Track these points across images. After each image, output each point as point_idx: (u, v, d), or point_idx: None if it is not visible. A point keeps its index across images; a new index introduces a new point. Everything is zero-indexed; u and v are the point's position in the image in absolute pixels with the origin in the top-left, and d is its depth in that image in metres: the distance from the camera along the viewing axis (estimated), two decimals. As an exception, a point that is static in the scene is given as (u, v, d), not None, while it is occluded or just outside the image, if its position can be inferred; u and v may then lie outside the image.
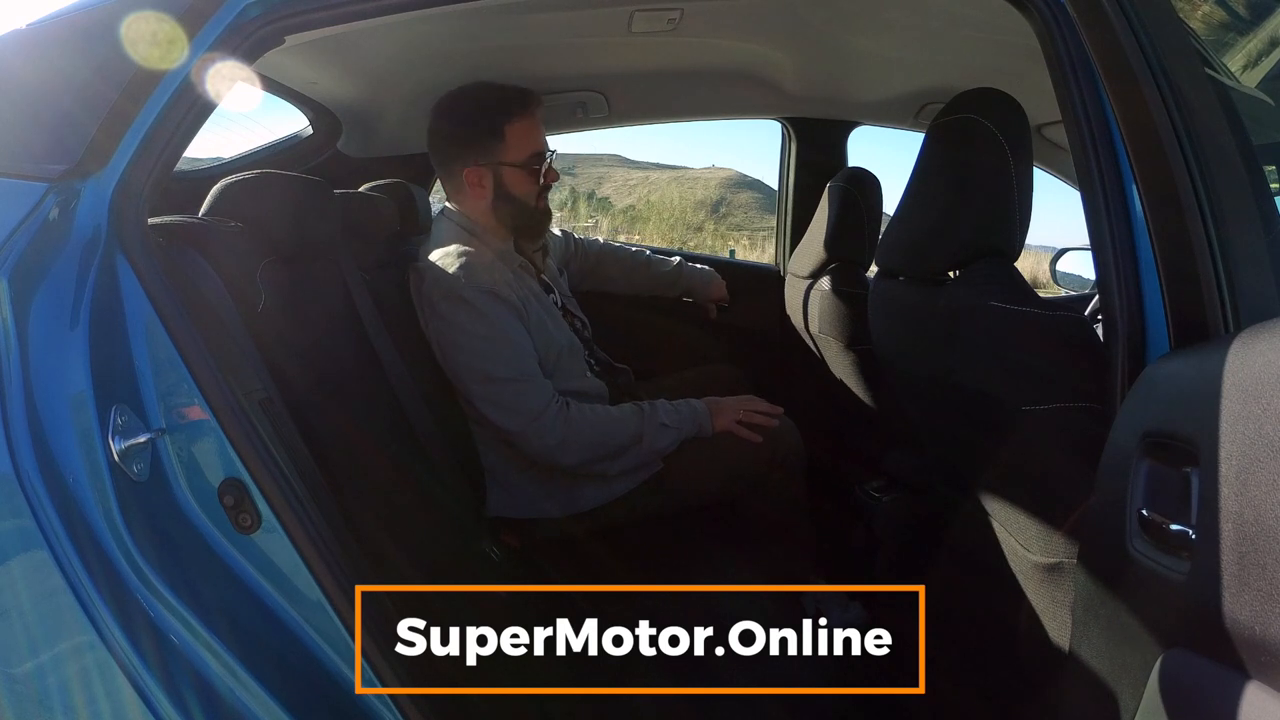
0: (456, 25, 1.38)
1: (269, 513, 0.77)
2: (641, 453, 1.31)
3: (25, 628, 0.75)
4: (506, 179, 1.35)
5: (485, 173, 1.35)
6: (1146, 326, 0.72)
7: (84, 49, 0.89)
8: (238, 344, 0.88)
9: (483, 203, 1.36)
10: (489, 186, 1.35)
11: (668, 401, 1.36)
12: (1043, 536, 0.85)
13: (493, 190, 1.35)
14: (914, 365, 1.14)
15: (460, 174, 1.36)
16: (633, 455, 1.31)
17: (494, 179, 1.35)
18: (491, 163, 1.34)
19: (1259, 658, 0.48)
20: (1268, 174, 0.86)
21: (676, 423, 1.32)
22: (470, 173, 1.35)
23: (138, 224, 0.81)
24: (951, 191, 0.99)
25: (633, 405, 1.33)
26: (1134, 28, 0.71)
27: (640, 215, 27.93)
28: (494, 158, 1.34)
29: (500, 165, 1.34)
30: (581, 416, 1.28)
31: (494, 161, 1.34)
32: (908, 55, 1.61)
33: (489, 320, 1.26)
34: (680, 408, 1.35)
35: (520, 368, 1.26)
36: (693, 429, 1.34)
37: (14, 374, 0.76)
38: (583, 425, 1.27)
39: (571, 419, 1.27)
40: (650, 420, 1.31)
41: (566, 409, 1.27)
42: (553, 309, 1.41)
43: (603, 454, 1.29)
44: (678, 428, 1.32)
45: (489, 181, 1.35)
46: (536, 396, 1.26)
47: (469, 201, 1.37)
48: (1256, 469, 0.48)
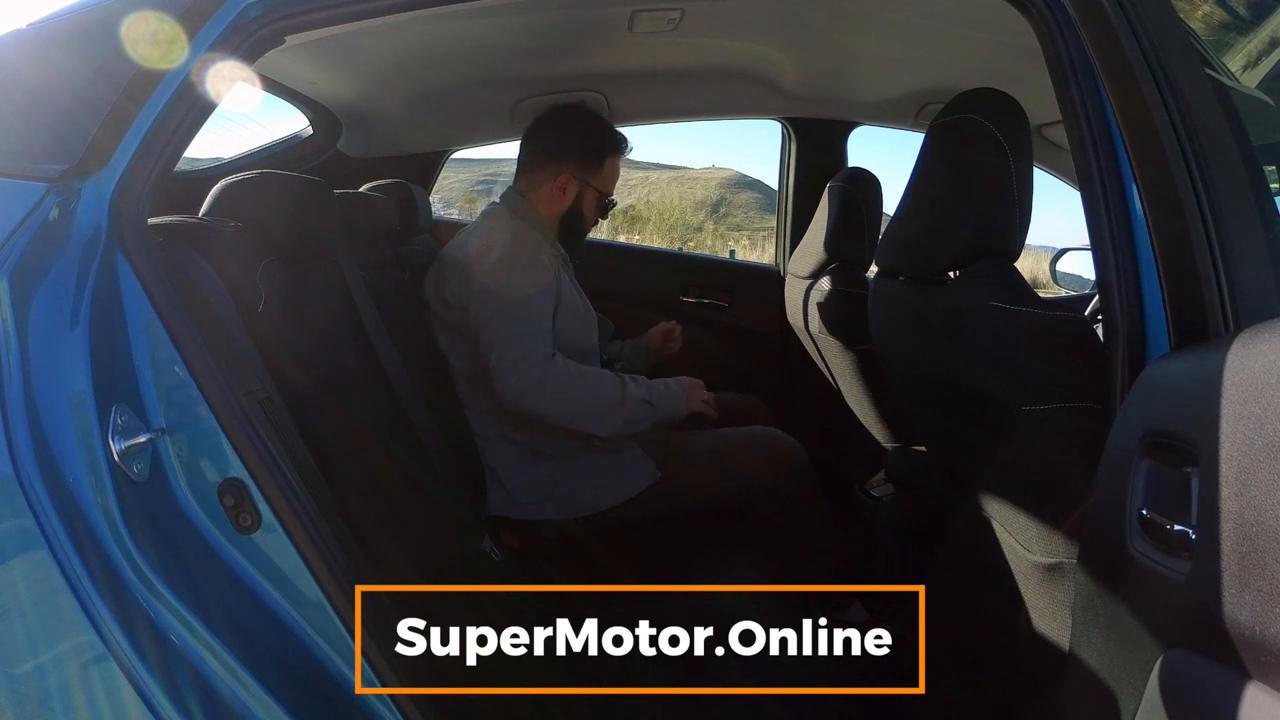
0: (456, 25, 1.38)
1: (269, 513, 0.77)
2: (619, 421, 1.33)
3: (25, 628, 0.74)
4: (586, 199, 1.46)
5: (574, 185, 1.43)
6: (1146, 326, 0.72)
7: (84, 49, 0.89)
8: (238, 344, 0.88)
9: (556, 207, 1.44)
10: (570, 197, 1.44)
11: (648, 379, 1.40)
12: (1043, 536, 0.85)
13: (571, 202, 1.44)
14: (914, 365, 1.14)
15: (554, 175, 1.43)
16: (611, 422, 1.32)
17: (577, 193, 1.44)
18: (583, 180, 1.43)
19: (1259, 658, 0.48)
20: (1268, 174, 0.86)
21: (655, 399, 1.36)
22: (564, 178, 1.43)
23: (138, 224, 0.81)
24: (951, 191, 0.99)
25: (615, 375, 1.36)
26: (1134, 28, 0.71)
27: (640, 215, 27.93)
28: (587, 177, 1.44)
29: (588, 186, 1.45)
30: (564, 368, 1.31)
31: (585, 180, 1.44)
32: (908, 55, 1.61)
33: (519, 264, 1.32)
34: (657, 387, 1.38)
35: (529, 307, 1.31)
36: (669, 410, 1.37)
37: (14, 374, 0.76)
38: (563, 376, 1.30)
39: (554, 366, 1.30)
40: (630, 391, 1.34)
41: (552, 360, 1.31)
42: (583, 294, 1.47)
43: (579, 409, 1.31)
44: (656, 404, 1.36)
45: (572, 193, 1.44)
46: (529, 343, 1.29)
47: (545, 200, 1.44)
48: (1257, 469, 0.48)
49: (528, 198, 1.44)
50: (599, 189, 1.46)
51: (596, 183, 1.45)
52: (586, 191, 1.45)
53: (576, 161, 1.43)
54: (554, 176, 1.43)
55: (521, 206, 1.44)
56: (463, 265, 1.35)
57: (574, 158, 1.43)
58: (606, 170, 1.46)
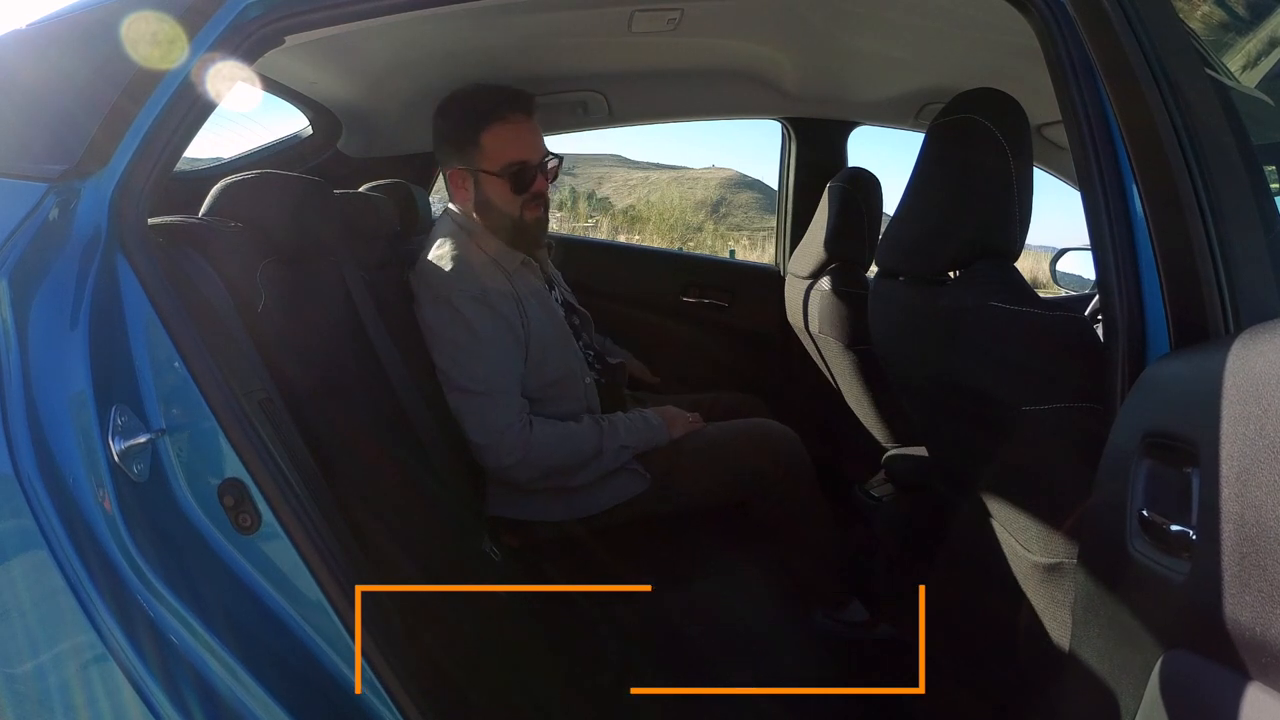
0: (456, 25, 1.38)
1: (269, 513, 0.77)
2: (597, 470, 1.33)
3: (25, 628, 0.74)
4: (484, 186, 1.34)
5: (466, 176, 1.35)
6: (1146, 326, 0.72)
7: (84, 49, 0.89)
8: (238, 344, 0.87)
9: (469, 205, 1.37)
10: (470, 190, 1.36)
11: (626, 417, 1.38)
12: (1043, 536, 0.85)
13: (473, 195, 1.36)
14: (914, 365, 1.14)
15: (452, 178, 1.38)
16: (589, 473, 1.32)
17: (474, 183, 1.35)
18: (470, 168, 1.34)
19: (1259, 658, 0.48)
20: (1268, 174, 0.86)
21: (633, 441, 1.35)
22: (454, 174, 1.36)
23: (138, 224, 0.81)
24: (951, 191, 0.99)
25: (593, 422, 1.34)
26: (1134, 28, 0.71)
27: (640, 215, 27.93)
28: (472, 164, 1.33)
29: (478, 172, 1.33)
30: (542, 437, 1.28)
31: (475, 167, 1.34)
32: (908, 55, 1.61)
33: (470, 327, 1.26)
34: (636, 423, 1.37)
35: (491, 382, 1.26)
36: (649, 447, 1.36)
37: (14, 374, 0.76)
38: (542, 446, 1.28)
39: (532, 441, 1.27)
40: (607, 442, 1.32)
41: (529, 429, 1.27)
42: (553, 306, 1.42)
43: (557, 472, 1.31)
44: (635, 446, 1.35)
45: (470, 185, 1.35)
46: (503, 413, 1.26)
47: (460, 202, 1.39)
48: (1257, 470, 0.48)
49: (461, 209, 1.38)
50: (489, 169, 1.31)
51: (485, 164, 1.31)
52: (482, 178, 1.32)
53: (453, 153, 1.34)
54: (452, 179, 1.36)
55: (458, 216, 1.38)
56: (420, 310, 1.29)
57: (449, 151, 1.35)
58: (488, 145, 1.31)
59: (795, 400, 2.02)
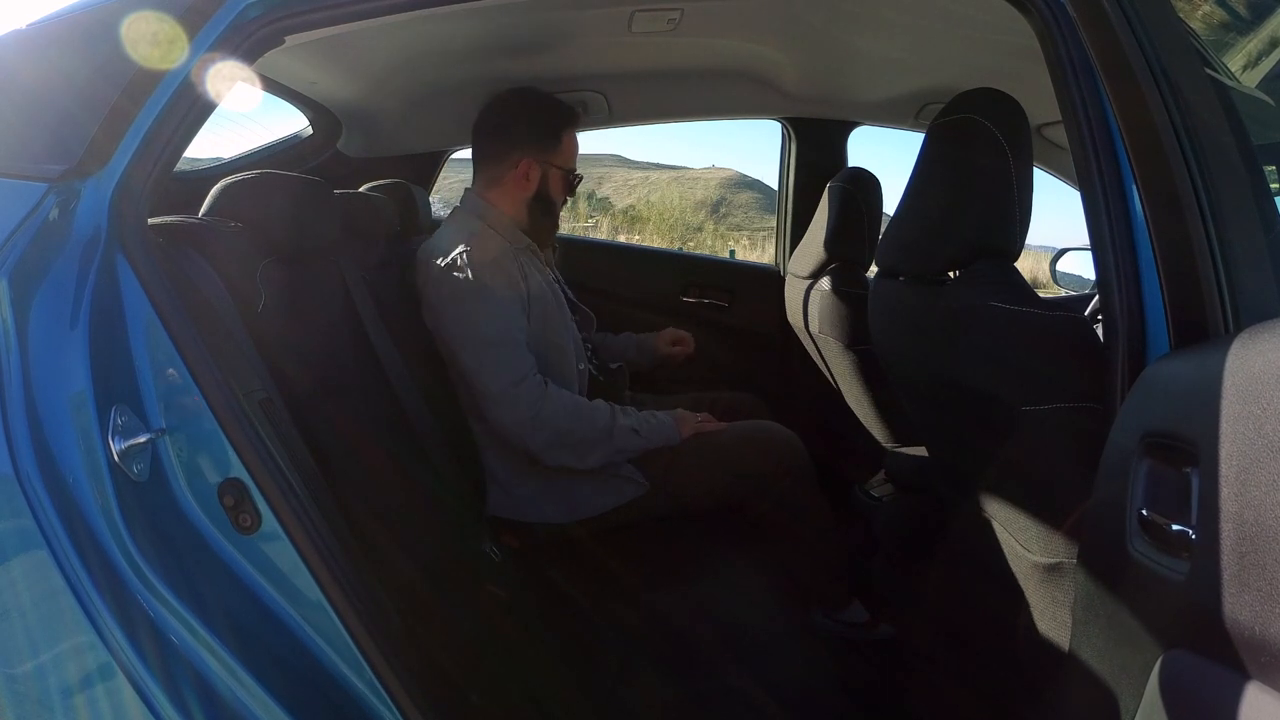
0: (456, 25, 1.38)
1: (269, 513, 0.77)
2: (608, 452, 1.32)
3: (25, 628, 0.74)
4: (550, 180, 1.42)
5: (537, 169, 1.40)
6: (1146, 326, 0.72)
7: (84, 49, 0.89)
8: (238, 344, 0.87)
9: (523, 195, 1.41)
10: (535, 181, 1.41)
11: (637, 410, 1.39)
12: (1043, 536, 0.85)
13: (536, 186, 1.41)
14: (914, 365, 1.14)
15: (515, 163, 1.40)
16: (599, 453, 1.32)
17: (541, 176, 1.41)
18: (544, 161, 1.41)
19: (1259, 658, 0.48)
20: (1268, 174, 0.86)
21: (645, 431, 1.35)
22: (525, 163, 1.40)
23: (138, 224, 0.81)
24: (951, 191, 0.99)
25: (605, 403, 1.35)
26: (1134, 28, 0.71)
27: (640, 215, 27.94)
28: (548, 157, 1.41)
29: (551, 166, 1.41)
30: (558, 396, 1.30)
31: (548, 161, 1.41)
32: (908, 55, 1.61)
33: (484, 285, 1.29)
34: (647, 418, 1.37)
35: (506, 334, 1.29)
36: (659, 441, 1.37)
37: (14, 374, 0.76)
38: (557, 405, 1.29)
39: (549, 396, 1.29)
40: (620, 421, 1.33)
41: (545, 386, 1.29)
42: (552, 283, 1.45)
43: (570, 441, 1.30)
44: (646, 436, 1.35)
45: (536, 176, 1.41)
46: (520, 363, 1.28)
47: (510, 192, 1.41)
48: (1256, 469, 0.48)
49: (488, 197, 1.42)
50: (561, 166, 1.43)
51: (559, 161, 1.42)
52: (550, 172, 1.42)
53: (534, 144, 1.40)
54: (515, 165, 1.40)
55: (480, 206, 1.41)
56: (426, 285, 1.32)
57: (531, 141, 1.40)
58: (565, 146, 1.43)
59: (795, 400, 2.02)
